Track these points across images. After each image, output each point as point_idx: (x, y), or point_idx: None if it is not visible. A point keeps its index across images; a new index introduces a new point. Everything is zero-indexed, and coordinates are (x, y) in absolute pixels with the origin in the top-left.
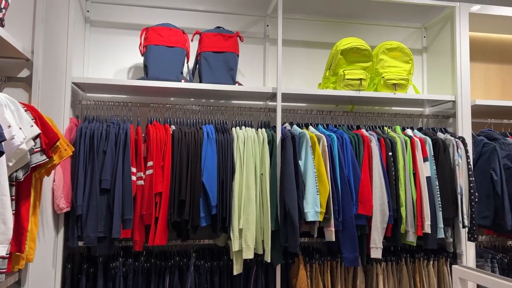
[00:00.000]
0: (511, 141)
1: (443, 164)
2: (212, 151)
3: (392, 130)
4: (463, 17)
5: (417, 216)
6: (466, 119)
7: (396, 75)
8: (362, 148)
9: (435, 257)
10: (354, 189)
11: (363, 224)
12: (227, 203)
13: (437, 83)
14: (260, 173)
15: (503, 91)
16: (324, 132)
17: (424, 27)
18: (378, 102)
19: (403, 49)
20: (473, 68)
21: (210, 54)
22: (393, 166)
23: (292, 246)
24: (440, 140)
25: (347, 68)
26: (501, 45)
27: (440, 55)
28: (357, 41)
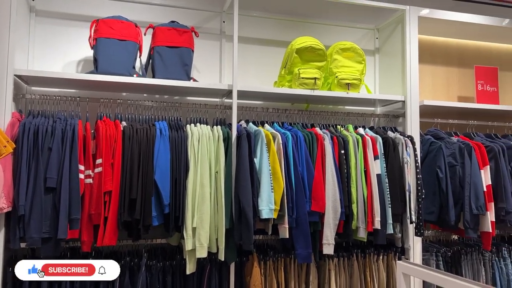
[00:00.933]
0: (455, 140)
1: (393, 162)
2: (165, 148)
3: (345, 128)
4: (412, 20)
5: (368, 212)
6: (415, 119)
7: (349, 75)
8: (315, 146)
9: (385, 252)
10: (307, 186)
11: (316, 221)
12: (180, 202)
13: (388, 84)
14: (215, 171)
15: (448, 92)
16: (279, 130)
17: (376, 28)
18: (332, 101)
19: (356, 50)
20: (422, 70)
21: (164, 48)
22: (345, 164)
23: (246, 244)
24: (390, 139)
25: (302, 67)
26: (447, 48)
27: (391, 56)
28: (312, 40)
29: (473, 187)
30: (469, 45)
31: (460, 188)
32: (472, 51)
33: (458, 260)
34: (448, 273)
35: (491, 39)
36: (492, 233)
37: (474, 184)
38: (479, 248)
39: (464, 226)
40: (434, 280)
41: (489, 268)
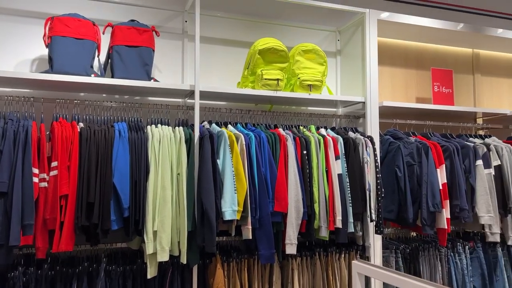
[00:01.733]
0: (413, 140)
1: (353, 162)
2: (125, 150)
3: (307, 129)
4: (372, 23)
5: (329, 211)
6: (375, 120)
7: (311, 76)
8: (278, 147)
9: (346, 250)
10: (270, 187)
11: (278, 221)
12: (140, 205)
13: (350, 85)
14: (176, 173)
15: (407, 94)
16: (242, 131)
17: (338, 30)
18: (294, 102)
19: (318, 52)
20: (382, 72)
21: (123, 48)
22: (308, 164)
23: (209, 246)
24: (351, 139)
25: (265, 68)
26: (406, 50)
27: (352, 58)
28: (275, 41)
29: (430, 185)
30: (427, 48)
31: (418, 187)
32: (429, 54)
33: (416, 256)
34: (401, 272)
35: (447, 42)
36: (448, 229)
37: (431, 182)
38: (436, 244)
39: (422, 223)
40: (387, 279)
41: (445, 263)
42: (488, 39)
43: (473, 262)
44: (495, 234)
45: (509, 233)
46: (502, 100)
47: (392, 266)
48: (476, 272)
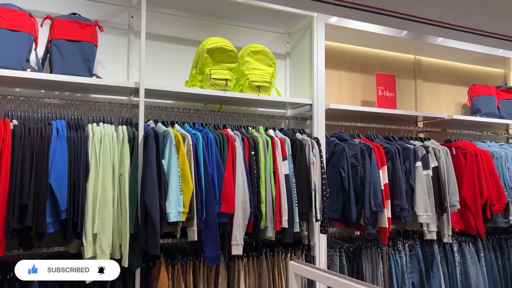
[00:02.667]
0: (357, 142)
1: (300, 163)
2: (62, 149)
3: (256, 130)
4: (320, 26)
5: (276, 212)
6: (321, 122)
7: (260, 78)
8: (226, 147)
9: (292, 250)
10: (217, 187)
11: (225, 222)
12: (79, 207)
13: (298, 87)
14: (118, 174)
15: (353, 97)
16: (189, 131)
17: (287, 33)
18: (244, 103)
19: (267, 53)
20: (329, 75)
21: (63, 42)
22: (255, 164)
23: (152, 248)
24: (298, 140)
25: (213, 67)
26: (352, 55)
27: (301, 61)
28: (223, 41)
29: (372, 186)
30: (372, 53)
31: (361, 187)
32: (374, 59)
33: (359, 254)
34: (336, 273)
35: (391, 48)
36: (389, 228)
37: (373, 183)
38: (378, 242)
39: (364, 222)
40: (322, 280)
41: (386, 261)
42: (429, 47)
43: (412, 259)
44: (432, 232)
45: (445, 231)
46: (441, 105)
47: (336, 264)
48: (414, 268)
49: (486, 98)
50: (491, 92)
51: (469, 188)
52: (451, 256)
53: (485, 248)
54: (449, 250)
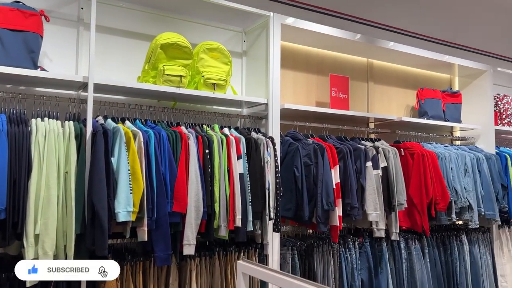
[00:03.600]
0: (311, 142)
1: (255, 162)
2: (2, 145)
3: (211, 128)
4: (276, 26)
5: (230, 211)
6: (276, 121)
7: (215, 75)
8: (179, 145)
9: (245, 249)
10: (169, 186)
11: (177, 222)
12: (20, 206)
13: (254, 86)
14: (64, 171)
15: (308, 97)
16: (141, 128)
17: (244, 31)
18: (199, 100)
19: (223, 51)
20: (285, 75)
21: (4, 31)
22: (210, 163)
23: (99, 249)
24: (253, 139)
25: (167, 63)
26: (308, 56)
27: (257, 60)
28: (178, 37)
29: (325, 185)
30: (327, 55)
31: (314, 186)
32: (329, 61)
33: (311, 252)
34: (283, 272)
35: (345, 51)
36: (340, 226)
37: (326, 182)
38: (329, 240)
39: (316, 221)
40: (269, 279)
41: (337, 258)
42: (381, 51)
43: (362, 256)
44: (381, 230)
45: (393, 228)
46: (391, 107)
47: (289, 263)
48: (364, 265)
49: (433, 101)
50: (438, 96)
51: (416, 188)
52: (398, 253)
53: (430, 245)
54: (396, 247)
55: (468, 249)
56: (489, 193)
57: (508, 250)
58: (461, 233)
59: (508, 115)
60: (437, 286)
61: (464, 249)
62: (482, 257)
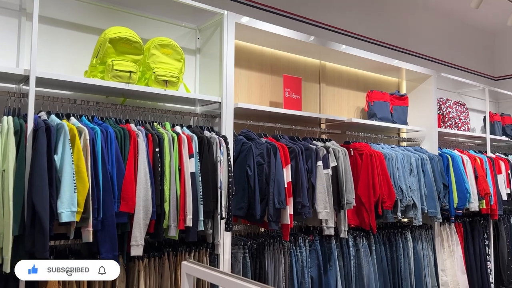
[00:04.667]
0: (264, 141)
1: (207, 161)
2: None
3: (162, 126)
4: (230, 25)
5: (180, 210)
6: (229, 120)
7: (167, 72)
8: (128, 143)
9: (196, 249)
10: (117, 186)
11: (124, 222)
12: None
13: (208, 84)
14: (1, 169)
15: (261, 97)
16: (87, 125)
17: (198, 28)
18: (150, 97)
19: (175, 47)
20: (239, 74)
21: None
22: (160, 162)
23: (40, 251)
24: (206, 138)
25: (116, 58)
26: (262, 56)
27: (211, 58)
28: (128, 31)
29: (277, 184)
30: (281, 55)
31: (266, 185)
32: (283, 61)
33: (262, 251)
34: (229, 273)
35: (299, 52)
36: (290, 225)
37: (277, 181)
38: (280, 239)
39: (268, 219)
40: (213, 280)
41: (288, 257)
42: (333, 53)
43: (312, 254)
44: (330, 228)
45: (342, 226)
46: (342, 108)
47: (240, 261)
48: (313, 263)
49: (381, 104)
50: (386, 99)
51: (364, 187)
52: (346, 250)
53: (376, 242)
54: (345, 244)
55: (412, 245)
56: (432, 192)
57: (448, 246)
58: (406, 230)
59: (450, 118)
60: (383, 282)
61: (408, 246)
62: (424, 253)
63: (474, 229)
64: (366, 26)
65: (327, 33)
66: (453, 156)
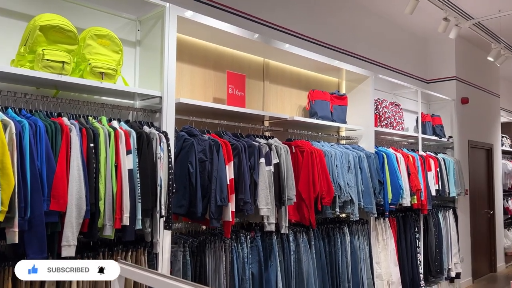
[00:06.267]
0: (206, 138)
1: (146, 157)
2: None
3: (98, 120)
4: (172, 18)
5: (116, 209)
6: (171, 115)
7: (104, 64)
8: (60, 138)
9: (134, 248)
10: (46, 183)
11: (55, 221)
12: None
13: (148, 78)
14: None
15: (204, 93)
16: (14, 118)
17: (139, 20)
18: (85, 90)
19: (113, 38)
20: (182, 68)
21: None
22: (95, 158)
23: None
24: (145, 133)
25: (48, 47)
26: (206, 51)
27: (152, 51)
28: (61, 19)
29: (219, 181)
30: (225, 51)
31: (208, 182)
32: (227, 58)
33: (203, 249)
34: (161, 273)
35: (243, 49)
36: (232, 222)
37: (220, 178)
38: (222, 236)
39: (210, 217)
40: (144, 280)
41: (229, 253)
42: (277, 52)
43: (253, 250)
44: (271, 224)
45: (283, 222)
46: (285, 107)
47: (180, 260)
48: (254, 259)
49: (322, 103)
50: (326, 98)
51: (304, 183)
52: (287, 246)
53: (316, 237)
54: (285, 240)
55: (349, 239)
56: (368, 188)
57: (382, 240)
58: (344, 225)
59: (386, 118)
60: (321, 276)
61: (346, 240)
62: (360, 246)
63: (406, 223)
64: (310, 26)
65: (272, 32)
66: (388, 154)
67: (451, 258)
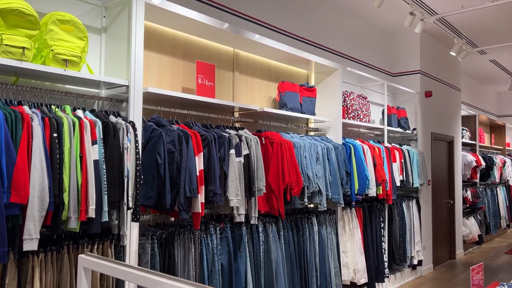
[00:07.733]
0: (175, 128)
1: (112, 148)
2: None
3: (61, 110)
4: (139, 5)
5: (82, 201)
6: (138, 105)
7: (67, 50)
8: (20, 127)
9: (100, 241)
10: (6, 174)
11: (15, 214)
12: None
13: (114, 66)
14: None
15: (173, 82)
16: None
17: (104, 6)
18: (47, 78)
19: (77, 24)
20: (149, 57)
21: None
22: (58, 148)
23: None
24: (111, 123)
25: (7, 32)
26: (175, 40)
27: (118, 38)
28: (21, 2)
29: (188, 172)
30: (194, 40)
31: (177, 173)
32: (196, 47)
33: (172, 241)
34: (129, 265)
35: (213, 39)
36: (202, 213)
37: (189, 169)
38: (191, 227)
39: (178, 208)
40: (111, 272)
41: (198, 245)
42: (247, 42)
43: (222, 241)
44: (241, 215)
45: (253, 213)
46: (255, 98)
47: (148, 252)
48: (224, 250)
49: (291, 94)
50: (296, 90)
51: (274, 174)
52: (256, 236)
53: (285, 227)
54: (255, 230)
55: (317, 229)
56: (335, 179)
57: (349, 229)
58: (312, 216)
59: (353, 110)
60: (290, 265)
61: (314, 230)
62: (328, 236)
63: (372, 213)
64: (280, 17)
65: (242, 22)
66: (355, 145)
67: (413, 246)
